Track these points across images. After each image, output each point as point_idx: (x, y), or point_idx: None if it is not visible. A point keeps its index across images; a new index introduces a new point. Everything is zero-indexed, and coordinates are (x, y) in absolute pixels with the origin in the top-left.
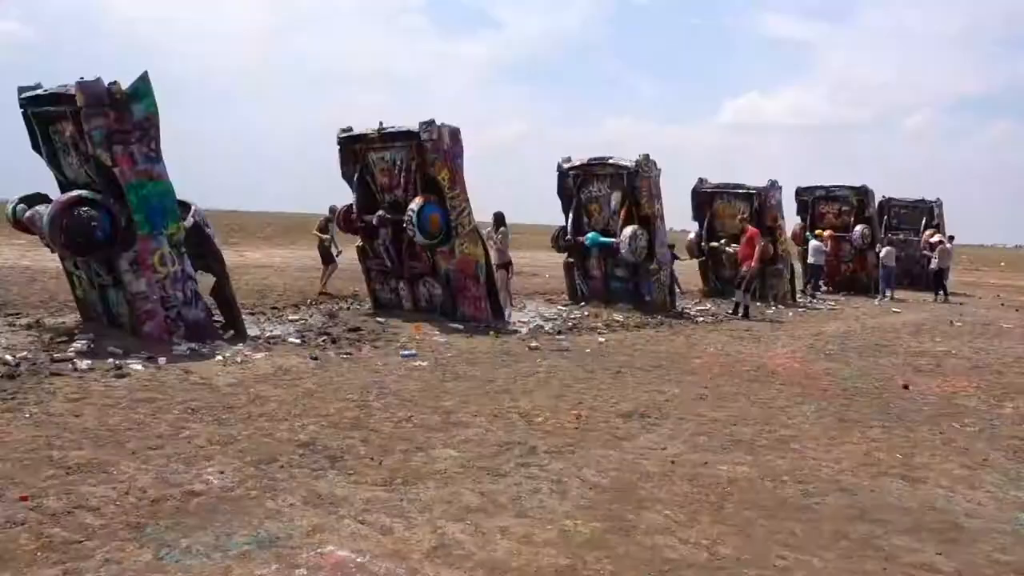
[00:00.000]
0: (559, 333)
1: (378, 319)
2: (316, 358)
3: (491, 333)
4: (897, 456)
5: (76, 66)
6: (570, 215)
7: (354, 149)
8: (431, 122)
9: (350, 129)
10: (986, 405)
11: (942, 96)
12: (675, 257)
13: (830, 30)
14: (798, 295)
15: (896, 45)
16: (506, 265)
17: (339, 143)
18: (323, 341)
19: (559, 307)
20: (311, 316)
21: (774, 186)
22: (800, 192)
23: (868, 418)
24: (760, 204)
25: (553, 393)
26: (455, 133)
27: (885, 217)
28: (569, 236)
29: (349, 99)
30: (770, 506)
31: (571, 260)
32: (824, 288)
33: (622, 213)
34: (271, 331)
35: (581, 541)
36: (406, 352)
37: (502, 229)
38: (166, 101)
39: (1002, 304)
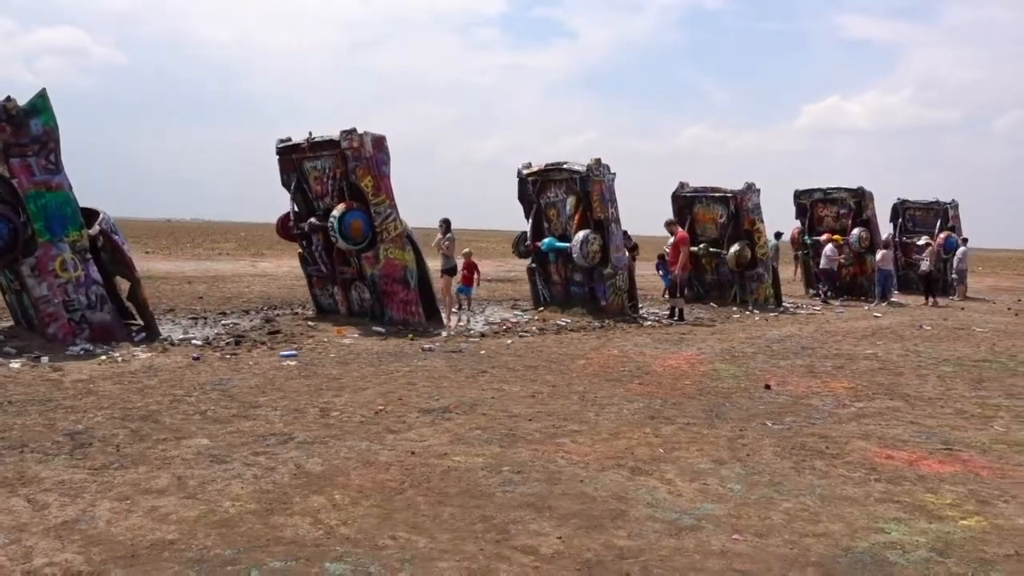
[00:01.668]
0: (483, 336)
1: (309, 323)
2: (198, 358)
3: (409, 336)
4: (659, 451)
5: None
6: (530, 221)
7: (291, 158)
8: (352, 130)
9: (288, 139)
10: (831, 405)
11: None
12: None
13: (914, 29)
14: (784, 297)
15: (985, 43)
16: (451, 270)
17: (277, 152)
18: (226, 344)
19: (519, 312)
20: (250, 321)
21: (751, 189)
22: (799, 195)
23: (682, 416)
24: (736, 207)
25: (383, 391)
26: (379, 141)
27: (900, 219)
28: (529, 242)
29: (422, 113)
30: (451, 493)
31: (533, 266)
32: (816, 292)
33: (576, 218)
34: (191, 334)
35: (216, 520)
36: (286, 353)
37: (448, 235)
38: (246, 118)
39: (1009, 308)
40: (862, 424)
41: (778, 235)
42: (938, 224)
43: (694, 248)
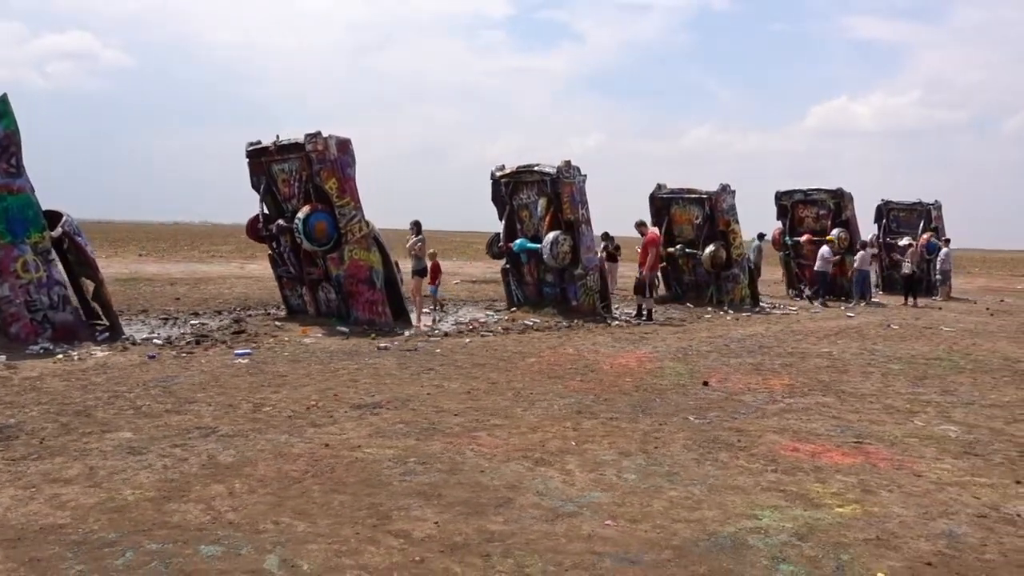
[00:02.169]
0: (446, 335)
1: (277, 323)
2: (153, 356)
3: (372, 336)
4: (570, 444)
5: (172, 91)
6: (504, 222)
7: (260, 161)
8: (316, 133)
9: (258, 142)
10: (761, 401)
11: None
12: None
13: (921, 30)
14: (762, 299)
15: (993, 43)
16: (422, 271)
17: (247, 155)
18: (186, 343)
19: (492, 312)
20: (219, 321)
21: (726, 190)
22: (780, 196)
23: (609, 411)
24: (711, 208)
25: (322, 388)
26: (344, 143)
27: (884, 220)
28: (502, 243)
29: (429, 116)
30: (349, 483)
31: (507, 267)
32: (797, 292)
33: (547, 219)
34: (157, 334)
35: (112, 507)
36: (239, 352)
37: (419, 237)
38: (254, 120)
39: (988, 308)
40: (783, 419)
41: (761, 236)
42: (921, 225)
43: (672, 249)
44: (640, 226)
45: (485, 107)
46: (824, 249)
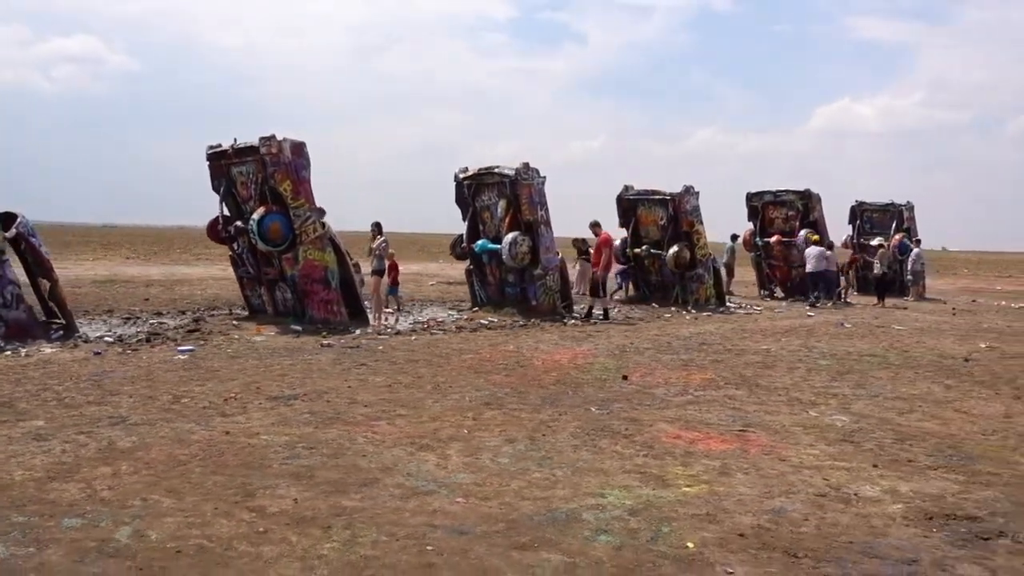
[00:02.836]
0: (398, 333)
1: (235, 322)
2: (99, 353)
3: (323, 334)
4: (462, 432)
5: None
6: (467, 223)
7: (220, 164)
8: (271, 137)
9: (218, 146)
10: (672, 394)
11: None
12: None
13: (926, 31)
14: (728, 299)
15: (997, 44)
16: (382, 272)
17: (207, 158)
18: (136, 340)
19: (453, 312)
20: (180, 320)
21: (689, 191)
22: (750, 197)
23: (518, 403)
24: (675, 209)
25: (249, 381)
26: (298, 147)
27: (858, 221)
28: (465, 244)
29: (434, 118)
30: (231, 465)
31: (471, 267)
32: (768, 293)
33: (507, 220)
34: (116, 332)
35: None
36: (182, 348)
37: (381, 238)
38: (257, 124)
39: (953, 309)
40: (683, 410)
41: (734, 237)
42: (893, 226)
43: (637, 250)
44: (594, 227)
45: (487, 109)
46: (814, 249)
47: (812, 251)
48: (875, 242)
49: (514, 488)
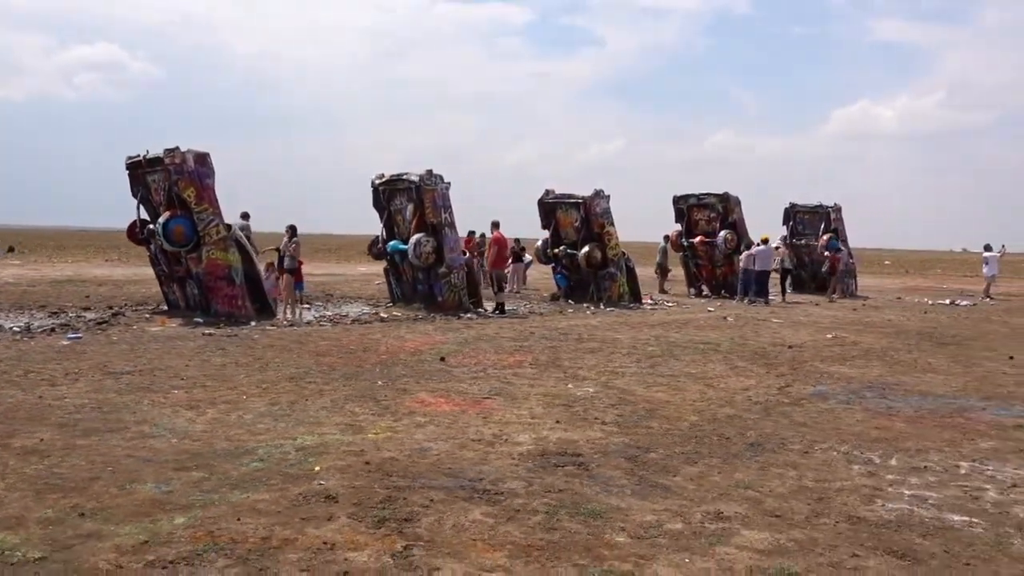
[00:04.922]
0: (292, 326)
1: (147, 316)
2: None
3: (220, 325)
4: (242, 398)
5: (203, 101)
6: (383, 226)
7: (137, 173)
8: (175, 149)
9: (137, 156)
10: (466, 372)
11: None
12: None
13: (946, 32)
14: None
15: (1018, 44)
16: (293, 271)
17: (127, 168)
18: (42, 331)
19: (369, 308)
20: (101, 314)
21: (599, 195)
22: (676, 200)
23: (320, 378)
24: (586, 212)
25: (102, 361)
26: (201, 157)
27: (791, 223)
28: (380, 245)
29: (451, 123)
30: (20, 417)
31: (387, 267)
32: (697, 291)
33: (414, 223)
34: (36, 324)
35: None
36: (70, 336)
37: (294, 239)
38: (279, 131)
39: (855, 308)
40: (458, 383)
41: (666, 238)
42: (822, 227)
43: (556, 250)
44: (493, 227)
45: (505, 113)
46: (761, 248)
47: (762, 250)
48: (800, 242)
49: (231, 435)
